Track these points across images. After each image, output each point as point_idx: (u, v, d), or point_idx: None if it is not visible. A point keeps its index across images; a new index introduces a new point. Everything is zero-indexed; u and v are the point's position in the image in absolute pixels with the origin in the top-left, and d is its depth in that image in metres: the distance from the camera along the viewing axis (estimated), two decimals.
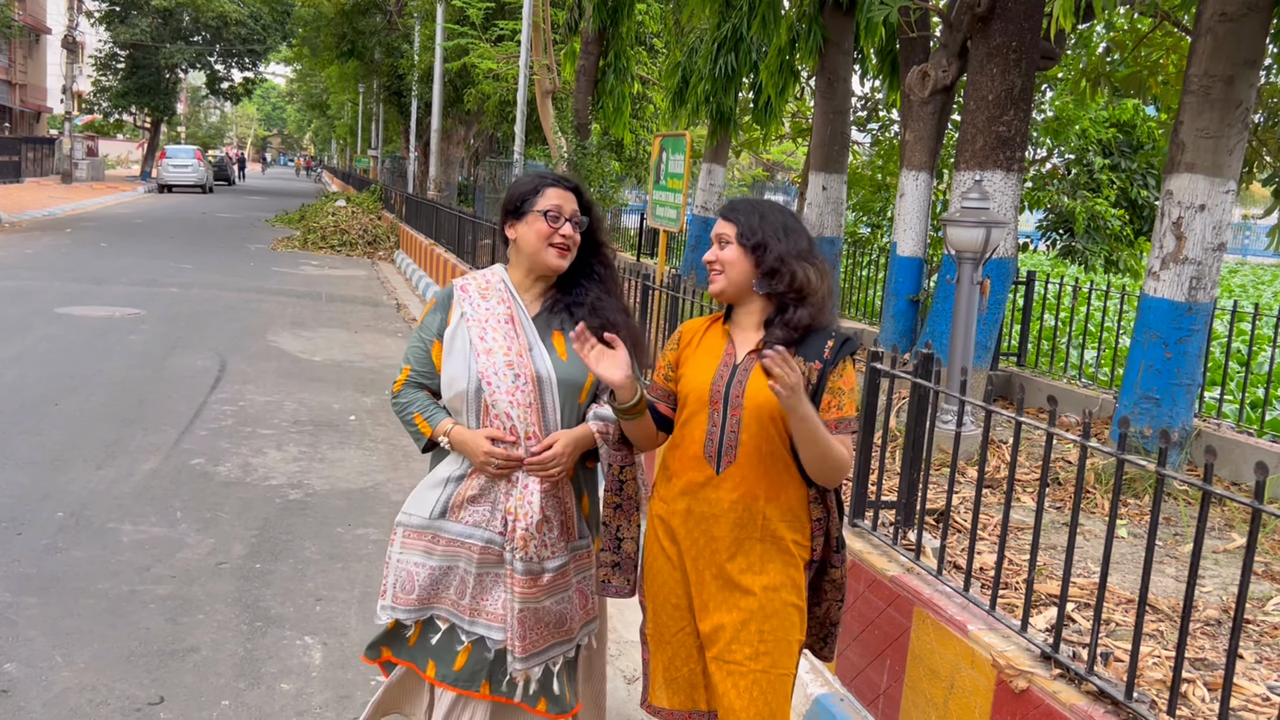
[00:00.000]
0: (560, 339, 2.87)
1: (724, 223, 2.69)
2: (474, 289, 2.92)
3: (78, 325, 10.86)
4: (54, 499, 5.60)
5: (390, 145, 43.96)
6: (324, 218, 24.08)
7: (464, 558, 2.84)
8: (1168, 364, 5.16)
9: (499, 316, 2.85)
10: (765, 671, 2.60)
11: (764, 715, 2.59)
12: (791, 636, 2.64)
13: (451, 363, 2.84)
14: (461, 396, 2.81)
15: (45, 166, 42.95)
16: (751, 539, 2.61)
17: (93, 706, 3.61)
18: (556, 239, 2.82)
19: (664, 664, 2.77)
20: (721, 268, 2.66)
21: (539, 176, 2.92)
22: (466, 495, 2.83)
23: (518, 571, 2.77)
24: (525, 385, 2.78)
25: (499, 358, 2.79)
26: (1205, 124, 5.00)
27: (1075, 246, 10.42)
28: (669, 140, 7.46)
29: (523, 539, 2.75)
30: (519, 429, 2.76)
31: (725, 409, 2.61)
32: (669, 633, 2.75)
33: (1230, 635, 2.45)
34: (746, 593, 2.61)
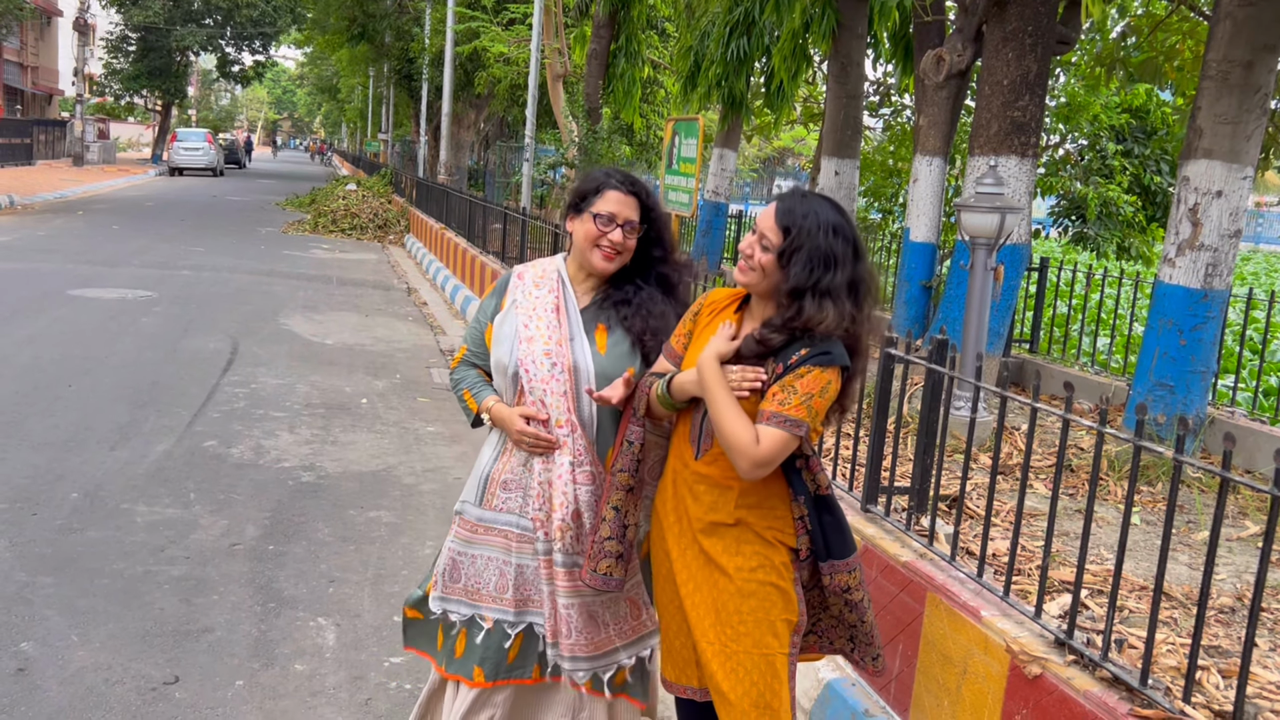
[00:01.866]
0: (603, 333, 2.90)
1: (775, 227, 2.52)
2: (530, 277, 2.98)
3: (90, 307, 10.89)
4: (68, 480, 5.63)
5: (401, 129, 43.90)
6: (334, 201, 24.09)
7: (500, 546, 2.88)
8: (1182, 351, 5.14)
9: (546, 306, 2.90)
10: (748, 652, 2.57)
11: (751, 696, 2.56)
12: (773, 615, 2.59)
13: (499, 347, 2.91)
14: (503, 380, 2.89)
15: (57, 149, 43.00)
16: (724, 524, 2.60)
17: (108, 686, 3.64)
18: (604, 243, 2.84)
19: (666, 638, 2.77)
20: (755, 265, 2.57)
21: (606, 175, 2.92)
22: (500, 479, 2.89)
23: (557, 564, 2.80)
24: (561, 375, 2.82)
25: (539, 346, 2.84)
26: (1223, 109, 4.97)
27: (1087, 233, 10.36)
28: (682, 124, 7.43)
29: (560, 529, 2.78)
30: (552, 416, 2.80)
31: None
32: (660, 603, 2.76)
33: (1247, 623, 2.45)
34: (723, 573, 2.59)
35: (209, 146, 42.97)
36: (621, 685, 2.98)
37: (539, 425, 2.80)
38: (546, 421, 2.80)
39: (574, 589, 2.81)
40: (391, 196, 26.11)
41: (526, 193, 13.96)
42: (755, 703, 2.58)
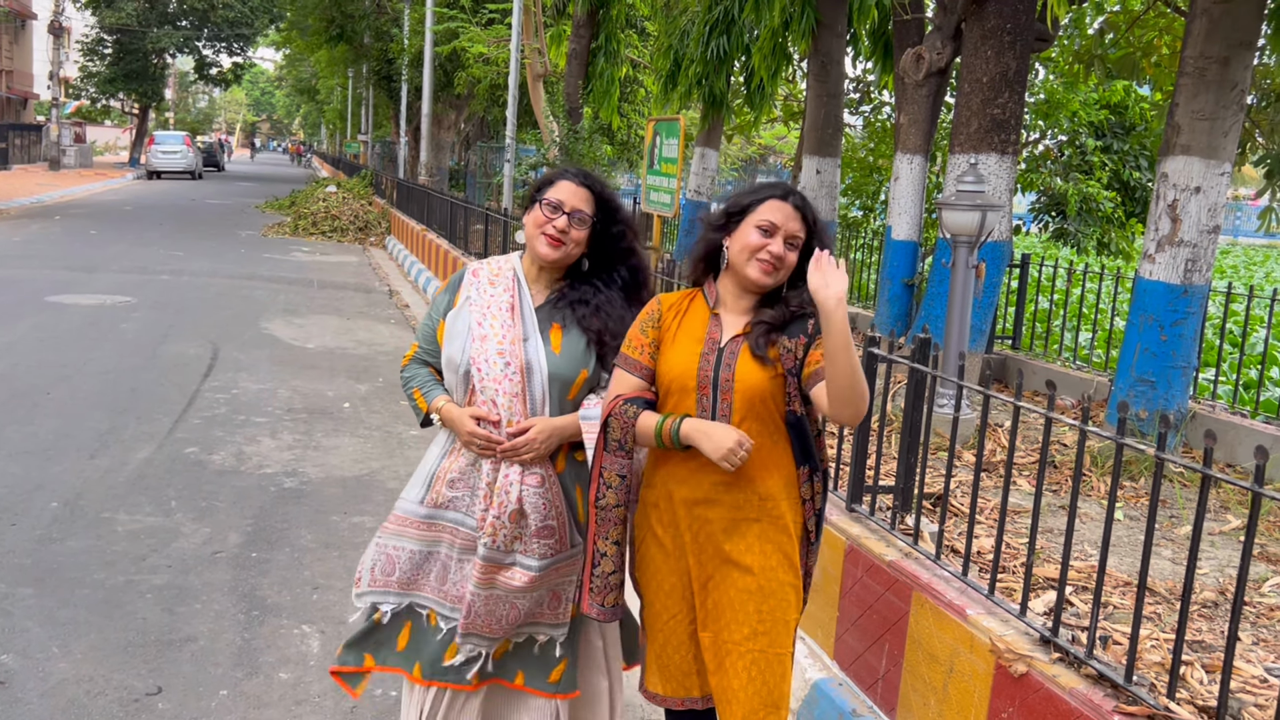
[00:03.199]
0: (558, 332, 2.86)
1: (799, 220, 2.60)
2: (485, 275, 2.95)
3: (68, 314, 10.81)
4: (48, 489, 5.58)
5: (380, 130, 43.73)
6: (314, 203, 23.99)
7: (446, 542, 2.86)
8: (1163, 346, 5.16)
9: (501, 304, 2.87)
10: (763, 651, 2.60)
11: (762, 695, 2.60)
12: (789, 616, 2.65)
13: (451, 344, 2.88)
14: (454, 378, 2.86)
15: (32, 153, 42.69)
16: (748, 520, 2.61)
17: (90, 697, 3.60)
18: (549, 229, 2.81)
19: (657, 651, 2.77)
20: (780, 265, 2.59)
21: (563, 170, 2.93)
22: (447, 478, 2.85)
23: (479, 556, 2.78)
24: (514, 374, 2.79)
25: (492, 345, 2.81)
26: (1201, 106, 4.99)
27: (1067, 229, 10.42)
28: (663, 124, 7.42)
29: (492, 526, 2.76)
30: (503, 416, 2.78)
31: (715, 393, 2.59)
32: (661, 620, 2.74)
33: (1230, 618, 2.46)
34: (746, 571, 2.61)
35: (187, 149, 42.73)
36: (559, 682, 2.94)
37: (490, 427, 2.77)
38: (498, 423, 2.77)
39: (488, 582, 2.78)
40: (372, 198, 26.02)
41: (508, 193, 13.92)
42: (766, 701, 2.60)
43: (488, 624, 2.83)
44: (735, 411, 2.57)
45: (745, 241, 2.59)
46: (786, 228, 2.57)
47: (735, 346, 2.61)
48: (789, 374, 2.58)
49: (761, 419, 2.59)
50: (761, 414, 2.58)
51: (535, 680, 2.93)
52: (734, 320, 2.66)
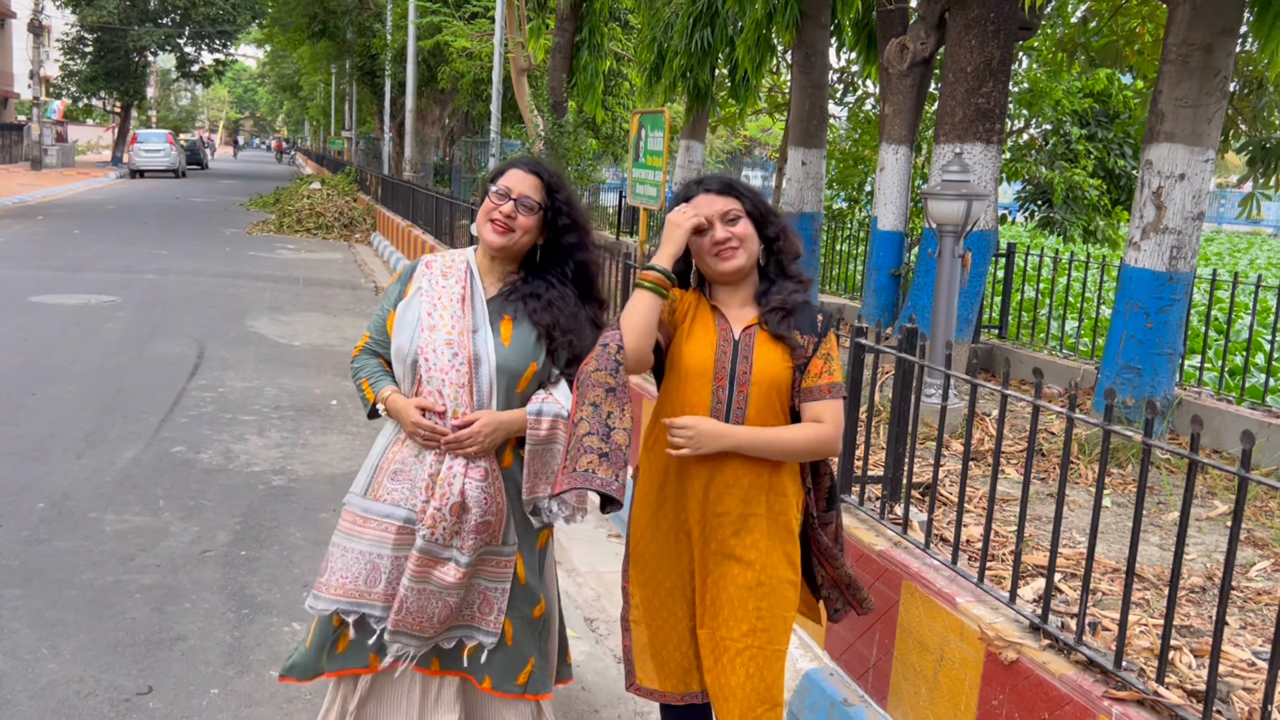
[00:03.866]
0: (508, 324, 2.87)
1: (722, 198, 2.64)
2: (438, 267, 2.95)
3: (53, 314, 10.74)
4: (34, 490, 5.55)
5: (364, 126, 43.59)
6: (299, 201, 23.88)
7: (381, 541, 2.85)
8: (1149, 334, 5.19)
9: (452, 296, 2.88)
10: (761, 648, 2.61)
11: (759, 691, 2.61)
12: (787, 613, 2.67)
13: (400, 334, 2.88)
14: (401, 367, 2.87)
15: (14, 153, 42.40)
16: (757, 514, 2.62)
17: (80, 698, 3.59)
18: (495, 214, 2.83)
19: (655, 648, 2.77)
20: (738, 243, 2.61)
21: (515, 159, 2.96)
22: (389, 469, 2.86)
23: (416, 548, 2.78)
24: (461, 365, 2.80)
25: (440, 335, 2.81)
26: (1184, 93, 5.01)
27: (1054, 217, 10.45)
28: (647, 117, 7.42)
29: (432, 518, 2.76)
30: (449, 407, 2.78)
31: (731, 385, 2.61)
32: (660, 618, 2.75)
33: (1218, 603, 2.47)
34: (747, 567, 2.62)
35: (170, 148, 42.51)
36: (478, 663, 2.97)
37: (435, 418, 2.78)
38: (443, 414, 2.77)
39: (422, 575, 2.79)
40: (357, 194, 25.92)
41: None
42: (763, 698, 2.62)
43: (419, 621, 2.83)
44: (751, 404, 2.60)
45: (696, 250, 2.66)
46: (715, 211, 2.60)
47: (749, 339, 2.64)
48: (797, 370, 2.63)
49: (774, 411, 2.63)
50: (775, 405, 2.62)
51: (503, 683, 2.94)
52: (738, 314, 2.69)
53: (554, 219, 2.90)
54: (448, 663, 2.98)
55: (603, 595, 4.70)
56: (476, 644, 2.94)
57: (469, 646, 2.95)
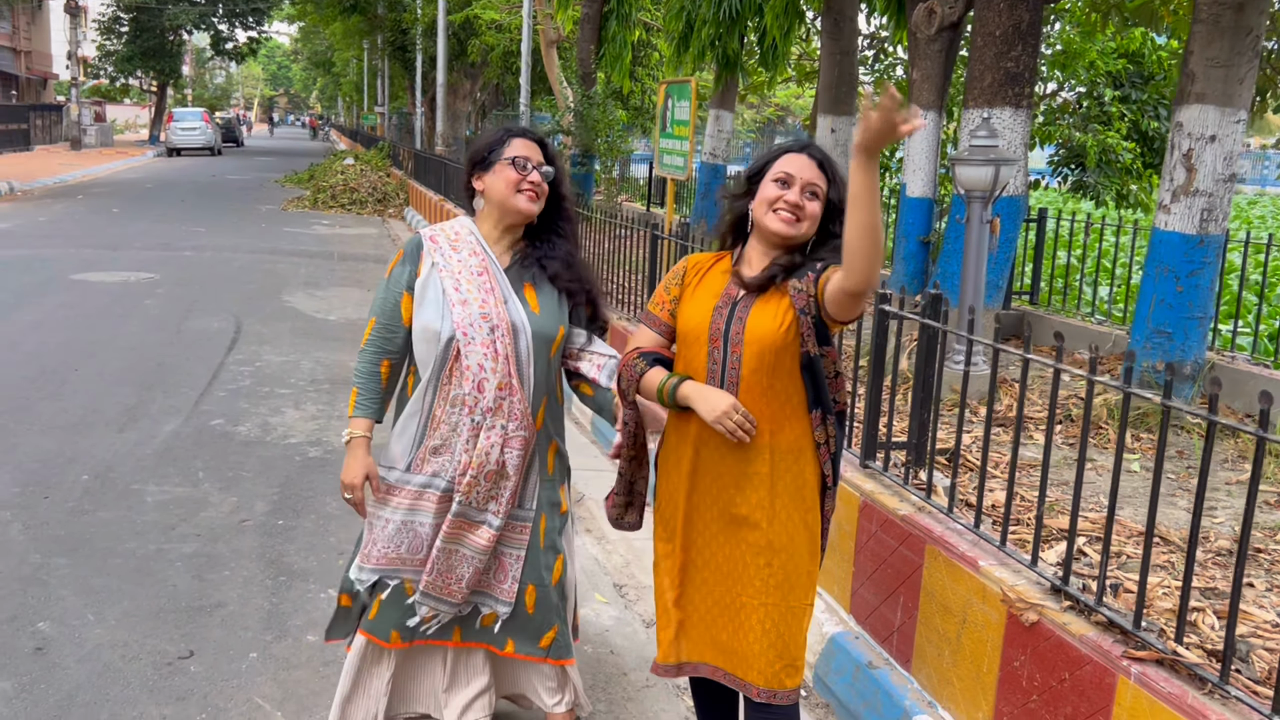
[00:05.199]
0: (531, 291, 2.93)
1: (817, 171, 2.60)
2: (444, 240, 2.95)
3: (94, 291, 10.94)
4: (79, 462, 5.69)
5: (397, 101, 43.73)
6: (333, 177, 24.07)
7: (422, 510, 2.93)
8: (1179, 297, 5.15)
9: (472, 268, 2.89)
10: (776, 604, 2.62)
11: (777, 648, 2.61)
12: (803, 568, 2.66)
13: (424, 313, 2.88)
14: (433, 345, 2.86)
15: (54, 133, 42.93)
16: (760, 474, 2.61)
17: (125, 661, 3.71)
18: (525, 185, 2.86)
19: (684, 614, 2.79)
20: (804, 216, 2.59)
21: (504, 129, 2.98)
22: (430, 446, 2.91)
23: (452, 512, 2.87)
24: (503, 336, 2.84)
25: (474, 309, 2.83)
26: (1215, 53, 4.94)
27: (1087, 181, 10.32)
28: (674, 87, 7.41)
29: (469, 484, 2.85)
30: (490, 380, 2.82)
31: (725, 346, 2.60)
32: (691, 585, 2.77)
33: (1235, 562, 2.48)
34: (754, 527, 2.62)
35: (205, 126, 42.81)
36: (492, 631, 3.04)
37: (475, 393, 2.82)
38: (483, 388, 2.82)
39: (455, 537, 2.89)
40: (390, 169, 26.06)
41: None
42: (781, 655, 2.63)
43: (447, 583, 2.92)
44: (745, 364, 2.57)
45: (764, 195, 2.61)
46: (803, 177, 2.58)
47: (749, 301, 2.62)
48: (801, 314, 2.57)
49: (774, 372, 2.58)
50: (774, 366, 2.58)
51: (525, 646, 3.01)
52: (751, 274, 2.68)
53: (556, 182, 2.96)
54: (468, 634, 3.06)
55: (632, 562, 4.76)
56: (493, 613, 3.01)
57: (485, 615, 3.02)
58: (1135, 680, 2.58)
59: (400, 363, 2.99)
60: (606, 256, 8.37)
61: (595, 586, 4.54)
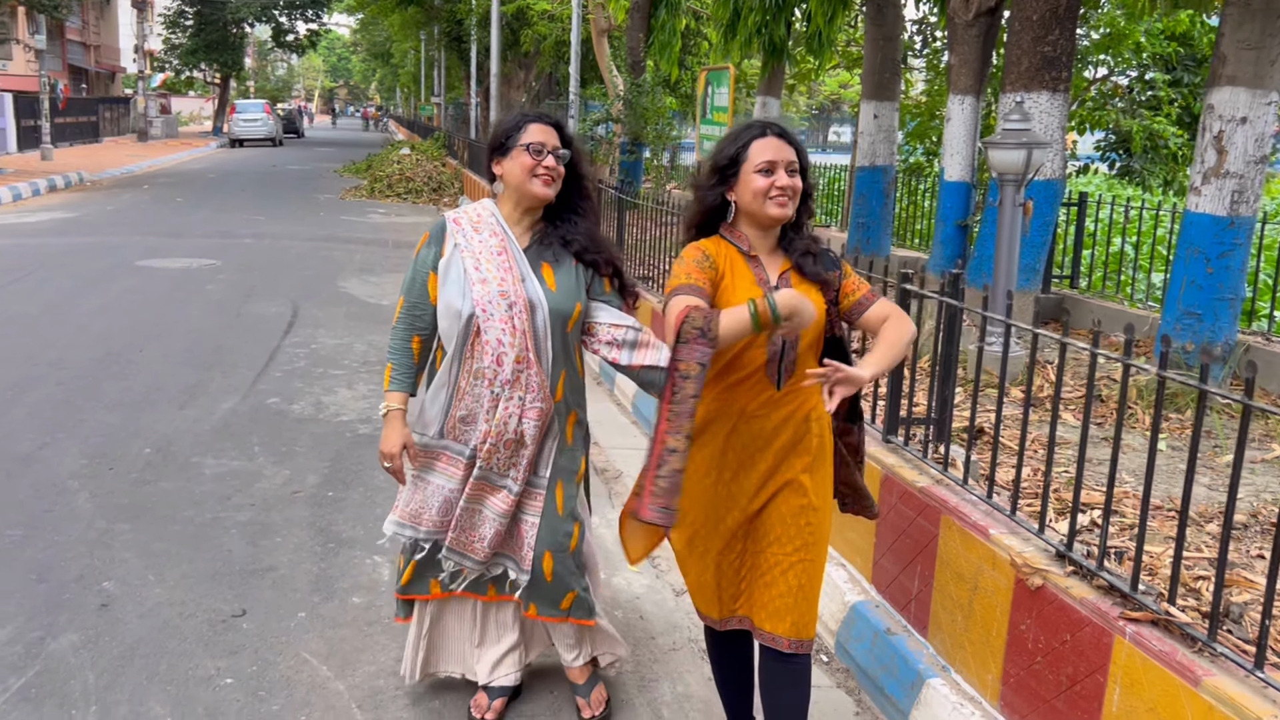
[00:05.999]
0: (549, 270, 3.06)
1: (789, 148, 2.75)
2: (466, 222, 3.11)
3: (158, 277, 11.33)
4: (141, 437, 5.98)
5: (453, 92, 44.16)
6: (389, 166, 24.45)
7: (451, 476, 3.12)
8: (1209, 279, 5.18)
9: (491, 249, 3.04)
10: (811, 561, 2.81)
11: (810, 599, 2.82)
12: (829, 530, 2.89)
13: (447, 291, 3.04)
14: (455, 322, 3.02)
15: (121, 126, 43.98)
16: (806, 445, 2.81)
17: (182, 618, 3.95)
18: (540, 170, 2.98)
19: (702, 579, 2.93)
20: (793, 195, 2.73)
21: (521, 114, 3.10)
22: (458, 416, 3.09)
23: (473, 475, 3.06)
24: (521, 312, 2.98)
25: (493, 287, 2.98)
26: (1246, 35, 4.96)
27: (1133, 167, 10.25)
28: (713, 74, 7.52)
29: (488, 451, 3.03)
30: (508, 355, 2.97)
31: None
32: (700, 546, 2.90)
33: (1223, 526, 2.58)
34: (798, 488, 2.80)
35: (267, 117, 43.57)
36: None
37: (494, 366, 2.97)
38: (501, 362, 2.96)
39: (477, 497, 3.08)
40: (445, 159, 26.41)
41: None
42: (812, 605, 2.82)
43: (470, 540, 3.11)
44: (802, 339, 2.76)
45: (753, 188, 2.72)
46: (782, 159, 2.71)
47: (786, 282, 2.78)
48: (831, 304, 2.82)
49: (816, 348, 2.81)
50: (816, 344, 2.81)
51: (546, 609, 3.18)
52: (769, 260, 2.82)
53: (571, 164, 3.09)
54: (500, 589, 3.25)
55: None
56: (514, 579, 3.19)
57: (510, 579, 3.21)
58: (1130, 639, 2.69)
59: (430, 338, 3.16)
60: (653, 243, 8.52)
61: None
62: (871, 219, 9.24)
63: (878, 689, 3.63)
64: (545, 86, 30.37)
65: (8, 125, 29.71)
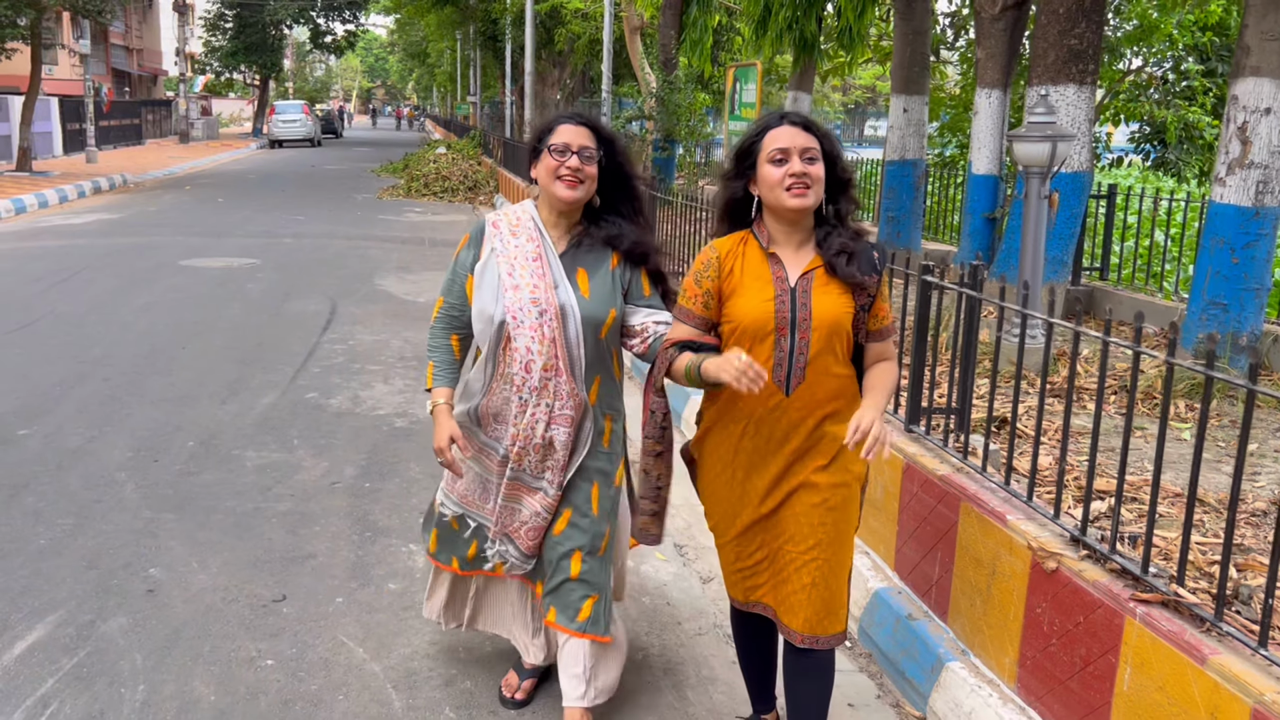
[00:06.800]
0: (584, 276, 3.04)
1: (805, 135, 2.68)
2: (505, 225, 3.10)
3: (200, 276, 11.57)
4: (185, 430, 6.17)
5: (489, 91, 44.46)
6: (425, 166, 24.67)
7: (487, 469, 3.22)
8: (1234, 269, 5.20)
9: (527, 254, 3.03)
10: (827, 560, 2.79)
11: (825, 599, 2.80)
12: (851, 528, 2.85)
13: (481, 296, 3.05)
14: (488, 327, 3.05)
15: (164, 128, 44.70)
16: (820, 449, 2.78)
17: (225, 603, 4.10)
18: (563, 171, 2.94)
19: (727, 563, 3.01)
20: (812, 182, 2.66)
21: (555, 117, 3.08)
22: (489, 411, 3.14)
23: (506, 476, 3.13)
24: (551, 321, 2.98)
25: (525, 294, 2.98)
26: (1270, 25, 4.97)
27: (1169, 158, 10.20)
28: (741, 70, 7.61)
29: (517, 455, 3.08)
30: (536, 362, 2.99)
31: (793, 334, 2.69)
32: (722, 540, 2.99)
33: (1228, 510, 2.63)
34: (813, 488, 2.78)
35: (306, 118, 44.03)
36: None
37: (522, 373, 3.00)
38: (530, 368, 3.00)
39: (514, 496, 3.15)
40: (481, 158, 26.60)
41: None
42: (828, 605, 2.80)
43: (512, 527, 3.20)
44: (812, 348, 2.70)
45: (768, 179, 2.68)
46: (796, 145, 2.65)
47: (806, 284, 2.71)
48: (861, 309, 2.75)
49: (834, 350, 2.74)
50: (835, 346, 2.74)
51: (565, 618, 3.14)
52: (794, 257, 2.75)
53: (609, 163, 3.03)
54: (535, 576, 3.31)
55: (693, 524, 5.02)
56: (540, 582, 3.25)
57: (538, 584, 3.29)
58: (1140, 620, 2.75)
59: (467, 336, 3.18)
60: (685, 239, 8.62)
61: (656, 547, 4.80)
62: (901, 213, 9.28)
63: (899, 673, 3.71)
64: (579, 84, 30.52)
65: (54, 129, 30.34)
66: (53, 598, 4.10)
